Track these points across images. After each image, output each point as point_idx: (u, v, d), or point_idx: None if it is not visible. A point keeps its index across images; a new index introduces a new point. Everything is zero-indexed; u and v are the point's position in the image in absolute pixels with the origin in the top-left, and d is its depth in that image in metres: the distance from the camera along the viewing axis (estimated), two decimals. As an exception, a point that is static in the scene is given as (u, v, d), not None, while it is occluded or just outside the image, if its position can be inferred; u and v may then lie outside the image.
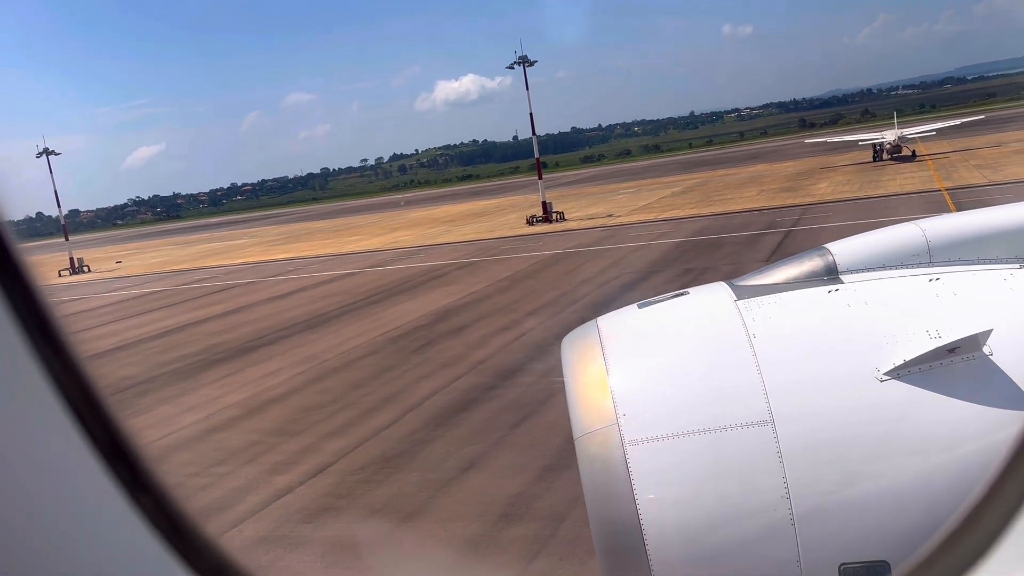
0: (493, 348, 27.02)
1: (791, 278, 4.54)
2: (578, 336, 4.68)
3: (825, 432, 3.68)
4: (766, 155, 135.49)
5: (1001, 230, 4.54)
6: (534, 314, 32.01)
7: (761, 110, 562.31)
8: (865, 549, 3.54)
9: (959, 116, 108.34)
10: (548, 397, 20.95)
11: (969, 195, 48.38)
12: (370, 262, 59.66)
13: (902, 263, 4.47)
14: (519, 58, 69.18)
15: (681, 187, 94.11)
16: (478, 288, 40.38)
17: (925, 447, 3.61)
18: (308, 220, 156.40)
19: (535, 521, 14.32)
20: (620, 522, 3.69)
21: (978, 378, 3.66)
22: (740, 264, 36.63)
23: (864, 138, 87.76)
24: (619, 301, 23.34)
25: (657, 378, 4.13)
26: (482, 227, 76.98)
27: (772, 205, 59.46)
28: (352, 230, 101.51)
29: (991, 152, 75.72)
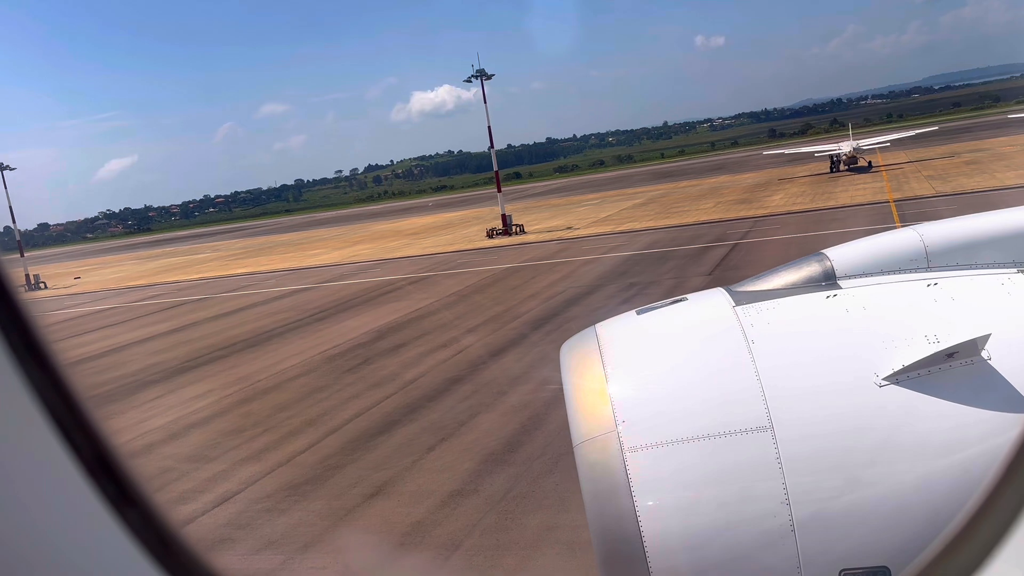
0: (426, 367, 26.79)
1: (789, 284, 4.53)
2: (577, 343, 4.61)
3: (824, 438, 3.66)
4: (730, 166, 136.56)
5: (999, 235, 4.54)
6: (474, 331, 31.82)
7: (733, 120, 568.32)
8: (865, 555, 3.52)
9: (917, 127, 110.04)
10: (469, 418, 20.82)
11: (915, 206, 49.03)
12: (325, 277, 59.19)
13: (900, 268, 4.47)
14: (476, 71, 69.19)
15: (643, 199, 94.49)
16: (425, 304, 40.13)
17: (925, 452, 3.58)
18: (275, 233, 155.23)
19: (428, 550, 14.11)
20: (620, 529, 3.68)
21: (977, 383, 3.64)
22: (682, 279, 36.79)
23: (820, 150, 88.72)
24: (559, 318, 23.39)
25: (656, 384, 4.10)
26: (443, 240, 76.73)
27: (726, 217, 59.80)
28: (315, 243, 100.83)
29: (944, 163, 76.85)
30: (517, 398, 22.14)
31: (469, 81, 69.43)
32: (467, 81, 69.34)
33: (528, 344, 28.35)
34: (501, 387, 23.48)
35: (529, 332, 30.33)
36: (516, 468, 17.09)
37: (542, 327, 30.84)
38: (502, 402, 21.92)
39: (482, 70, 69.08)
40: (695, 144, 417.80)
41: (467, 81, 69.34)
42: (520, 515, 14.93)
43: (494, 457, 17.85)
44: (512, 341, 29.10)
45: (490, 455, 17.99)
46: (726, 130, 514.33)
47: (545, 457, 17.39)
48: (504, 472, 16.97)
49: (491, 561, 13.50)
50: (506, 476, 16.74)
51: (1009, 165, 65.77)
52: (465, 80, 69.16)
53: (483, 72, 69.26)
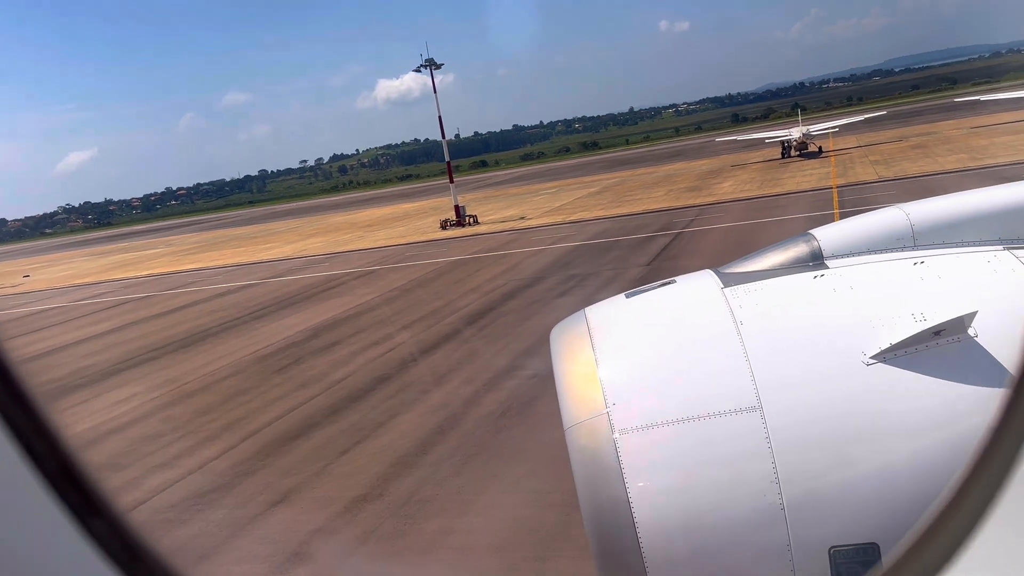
0: (356, 366, 26.53)
1: (777, 264, 4.57)
2: (567, 327, 4.62)
3: (813, 417, 3.66)
4: (688, 153, 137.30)
5: (984, 213, 4.55)
6: (409, 327, 31.59)
7: (698, 105, 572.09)
8: (855, 532, 3.53)
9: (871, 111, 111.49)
10: (388, 419, 20.63)
11: (856, 192, 49.61)
12: (273, 272, 58.46)
13: (887, 247, 4.50)
14: (425, 61, 68.54)
15: (599, 187, 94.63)
16: (367, 299, 39.78)
17: (913, 429, 3.59)
18: (233, 226, 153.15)
19: (323, 559, 13.94)
20: (611, 510, 3.68)
21: (964, 360, 3.65)
22: (622, 269, 36.83)
23: (770, 136, 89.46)
24: (494, 312, 23.16)
25: (646, 367, 4.12)
26: (396, 232, 76.19)
27: (674, 205, 60.06)
28: (270, 237, 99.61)
29: (891, 148, 77.89)
30: (439, 397, 21.99)
31: (418, 71, 68.81)
32: (416, 71, 68.73)
33: (459, 340, 28.20)
34: (425, 386, 23.31)
35: (463, 328, 30.17)
36: (424, 471, 16.95)
37: (477, 322, 30.70)
38: (423, 402, 21.76)
39: (431, 59, 68.45)
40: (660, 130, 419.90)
41: (416, 71, 68.73)
42: (420, 520, 14.79)
43: (404, 460, 17.68)
44: (445, 337, 28.91)
45: (401, 458, 17.82)
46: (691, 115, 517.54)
47: (454, 459, 17.27)
48: (412, 475, 16.81)
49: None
50: (413, 480, 16.58)
51: (952, 149, 66.81)
52: (414, 70, 68.55)
53: (432, 62, 68.60)
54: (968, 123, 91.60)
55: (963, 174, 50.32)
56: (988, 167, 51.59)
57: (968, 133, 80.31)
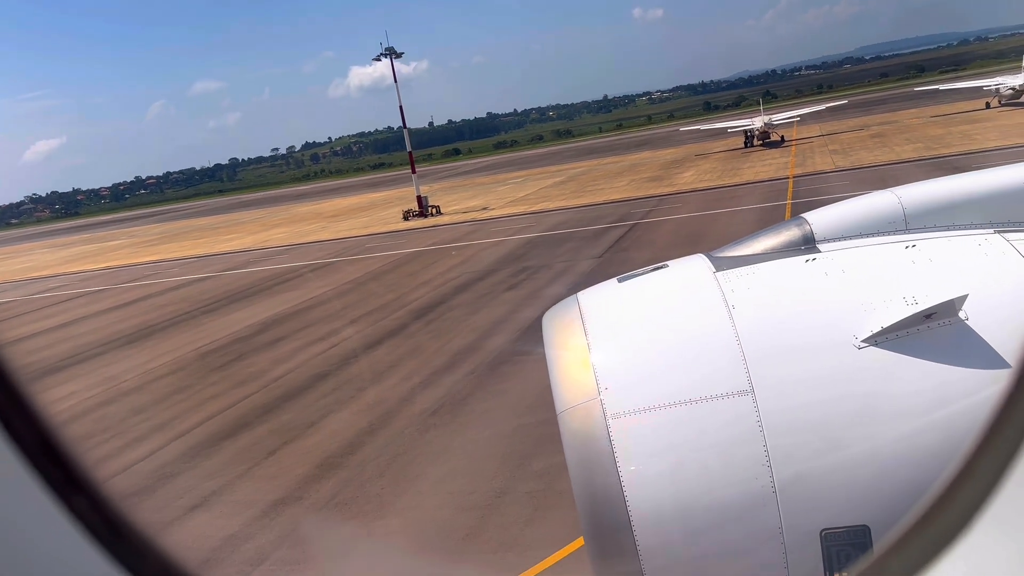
0: (297, 362, 26.23)
1: (769, 248, 4.56)
2: (559, 311, 4.63)
3: (805, 400, 3.68)
4: (655, 141, 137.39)
5: (975, 196, 4.58)
6: (356, 322, 31.30)
7: (671, 93, 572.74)
8: (846, 515, 3.55)
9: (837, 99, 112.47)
10: (320, 418, 20.40)
11: (811, 182, 49.85)
12: (230, 264, 57.75)
13: (878, 231, 4.51)
14: (385, 50, 67.81)
15: (564, 176, 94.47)
16: (319, 293, 39.43)
17: (904, 412, 3.60)
18: (198, 216, 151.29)
19: (233, 567, 13.71)
20: (604, 495, 3.69)
21: (954, 343, 3.67)
22: (573, 262, 36.75)
23: (733, 125, 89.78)
24: (443, 306, 22.81)
25: (638, 351, 4.12)
26: (359, 223, 75.58)
27: (635, 196, 60.08)
28: (233, 227, 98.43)
29: (851, 137, 78.47)
30: (374, 395, 21.79)
31: (378, 60, 68.10)
32: (376, 60, 68.03)
33: (404, 335, 27.98)
34: (362, 383, 23.10)
35: (410, 322, 29.95)
36: (348, 472, 16.75)
37: (424, 316, 30.49)
38: (358, 400, 21.54)
39: (391, 48, 67.74)
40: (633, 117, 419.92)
41: (376, 60, 68.03)
42: (336, 524, 14.63)
43: (330, 461, 17.47)
44: (391, 332, 28.67)
45: (327, 459, 17.60)
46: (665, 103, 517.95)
47: (380, 459, 17.09)
48: (335, 477, 16.62)
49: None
50: (335, 481, 16.39)
51: (909, 139, 67.42)
52: (374, 59, 67.84)
53: (392, 50, 67.88)
54: (929, 112, 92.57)
55: (917, 164, 50.79)
56: (942, 156, 52.17)
57: (927, 122, 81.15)
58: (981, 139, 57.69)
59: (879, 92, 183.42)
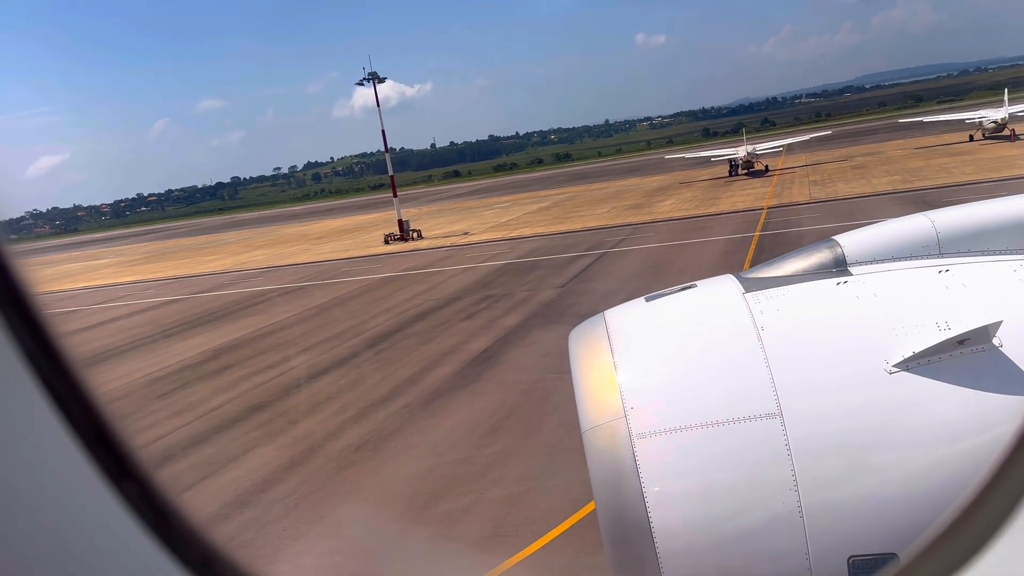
0: (238, 392, 25.90)
1: (799, 270, 4.49)
2: (586, 329, 4.57)
3: (834, 425, 3.62)
4: (645, 168, 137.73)
5: (1010, 221, 4.48)
6: (310, 349, 31.02)
7: (672, 119, 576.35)
8: (875, 542, 3.48)
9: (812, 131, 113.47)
10: (244, 452, 20.05)
11: (783, 214, 49.84)
12: (204, 287, 57.56)
13: (911, 255, 4.43)
14: (368, 75, 68.06)
15: (550, 202, 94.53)
16: (282, 318, 39.19)
17: (934, 439, 3.53)
18: (190, 235, 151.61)
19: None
20: (628, 515, 3.65)
21: (988, 370, 3.58)
22: (536, 291, 36.50)
23: (717, 154, 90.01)
24: (398, 335, 22.41)
25: (665, 371, 4.08)
26: (341, 246, 75.50)
27: (612, 223, 59.98)
28: (218, 248, 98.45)
29: (834, 167, 78.56)
30: (305, 428, 21.47)
31: (361, 84, 68.36)
32: (359, 84, 68.27)
33: (352, 365, 27.71)
34: (296, 415, 22.78)
35: (362, 351, 29.68)
36: (255, 511, 16.39)
37: (377, 345, 30.23)
38: (287, 433, 21.22)
39: (374, 73, 68.00)
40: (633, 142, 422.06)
41: (359, 84, 68.27)
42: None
43: (241, 499, 17.11)
44: (340, 361, 28.40)
45: (239, 496, 17.25)
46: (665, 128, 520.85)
47: (290, 499, 16.74)
48: (241, 516, 16.25)
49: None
50: (239, 521, 16.01)
51: (889, 171, 67.46)
52: (357, 83, 68.11)
53: (375, 75, 68.16)
54: (914, 143, 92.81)
55: (890, 197, 50.74)
56: (916, 190, 52.13)
57: (911, 154, 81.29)
58: (958, 172, 57.70)
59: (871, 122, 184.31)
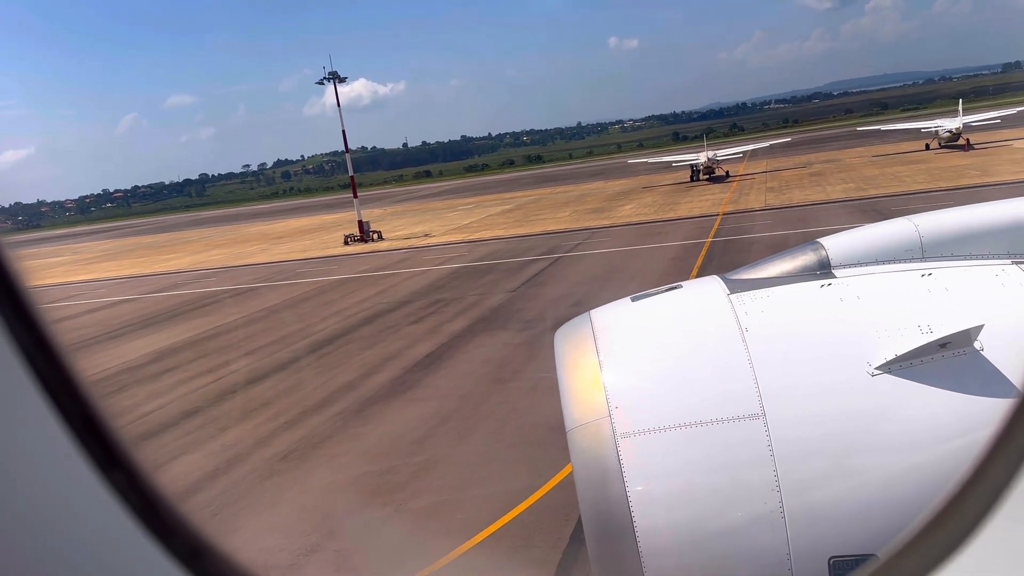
0: (173, 397, 25.45)
1: (784, 272, 4.52)
2: (571, 329, 4.57)
3: (816, 426, 3.63)
4: (611, 172, 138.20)
5: (993, 226, 4.52)
6: (253, 353, 30.56)
7: (643, 122, 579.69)
8: (856, 543, 3.49)
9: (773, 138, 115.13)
10: (170, 459, 19.62)
11: (738, 220, 50.23)
12: (157, 287, 56.65)
13: (895, 258, 4.46)
14: (329, 74, 67.46)
15: (513, 204, 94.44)
16: (229, 320, 38.64)
17: (916, 441, 3.55)
18: (151, 233, 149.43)
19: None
20: (611, 513, 3.65)
21: (969, 373, 3.61)
22: (487, 295, 36.36)
23: (679, 159, 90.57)
24: (343, 339, 21.98)
25: (649, 371, 4.08)
26: (300, 246, 74.75)
27: (571, 227, 60.02)
28: (178, 246, 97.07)
29: (792, 174, 79.32)
30: (235, 435, 21.12)
31: (321, 83, 67.74)
32: (319, 83, 67.65)
33: (292, 370, 27.36)
34: (228, 422, 22.42)
35: (304, 355, 29.34)
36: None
37: (321, 349, 29.90)
38: (217, 440, 20.86)
39: (335, 72, 67.40)
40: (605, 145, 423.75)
41: (319, 83, 67.65)
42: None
43: (159, 508, 16.75)
44: (281, 366, 28.03)
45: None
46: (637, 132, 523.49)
47: (208, 510, 16.39)
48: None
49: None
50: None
51: (845, 179, 68.32)
52: (317, 83, 67.51)
53: (336, 75, 67.58)
54: (873, 151, 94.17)
55: (842, 205, 51.40)
56: (868, 198, 52.85)
57: (868, 161, 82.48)
58: (910, 181, 58.59)
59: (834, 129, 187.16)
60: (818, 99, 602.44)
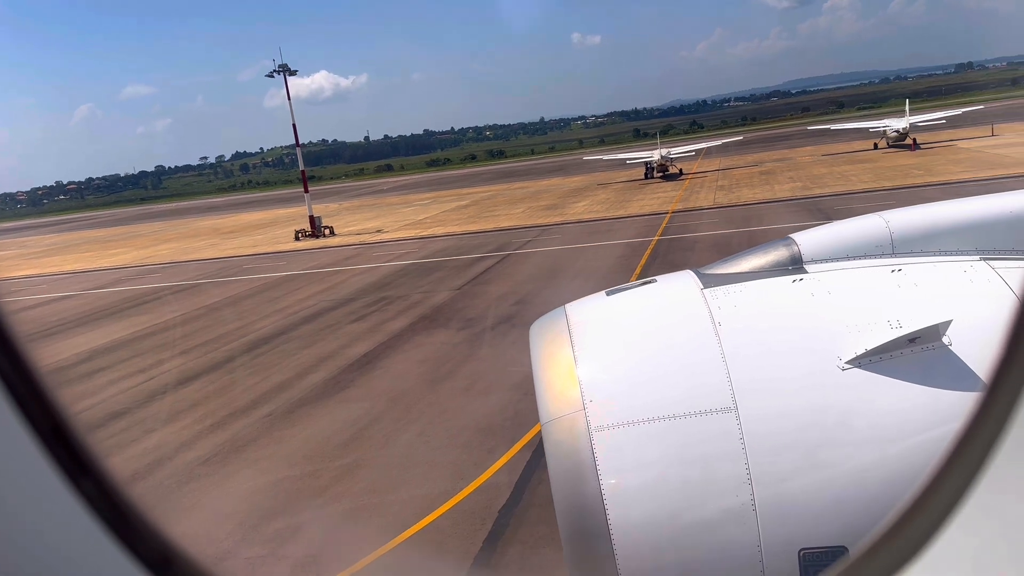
0: (101, 398, 24.87)
1: (757, 267, 4.57)
2: (546, 322, 4.58)
3: (787, 419, 3.66)
4: (569, 168, 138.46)
5: (962, 223, 4.57)
6: (188, 352, 30.04)
7: (605, 118, 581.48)
8: (825, 535, 3.53)
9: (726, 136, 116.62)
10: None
11: (686, 218, 50.69)
12: (100, 282, 55.43)
13: (866, 254, 4.52)
14: (279, 67, 66.48)
15: (470, 200, 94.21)
16: (168, 318, 37.93)
17: (885, 435, 3.59)
18: (101, 226, 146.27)
19: None
20: (585, 507, 3.68)
21: (937, 367, 3.67)
22: (432, 294, 36.14)
23: (632, 156, 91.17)
24: (281, 337, 21.46)
25: (624, 365, 4.12)
26: (250, 241, 73.72)
27: (524, 224, 60.01)
28: (126, 240, 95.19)
29: (743, 173, 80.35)
30: (159, 438, 20.71)
31: (271, 76, 66.75)
32: (269, 76, 66.69)
33: (226, 370, 26.91)
34: (154, 424, 21.98)
35: (239, 355, 28.88)
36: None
37: (258, 348, 29.48)
38: (140, 443, 20.42)
39: (284, 65, 66.49)
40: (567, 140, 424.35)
41: (269, 76, 66.69)
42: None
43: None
44: (214, 366, 27.56)
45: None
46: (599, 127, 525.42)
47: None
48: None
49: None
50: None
51: (793, 177, 69.32)
52: (267, 75, 66.46)
53: (286, 67, 66.67)
54: (823, 150, 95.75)
55: (787, 204, 52.10)
56: (813, 197, 53.66)
57: (817, 160, 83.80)
58: (856, 180, 59.64)
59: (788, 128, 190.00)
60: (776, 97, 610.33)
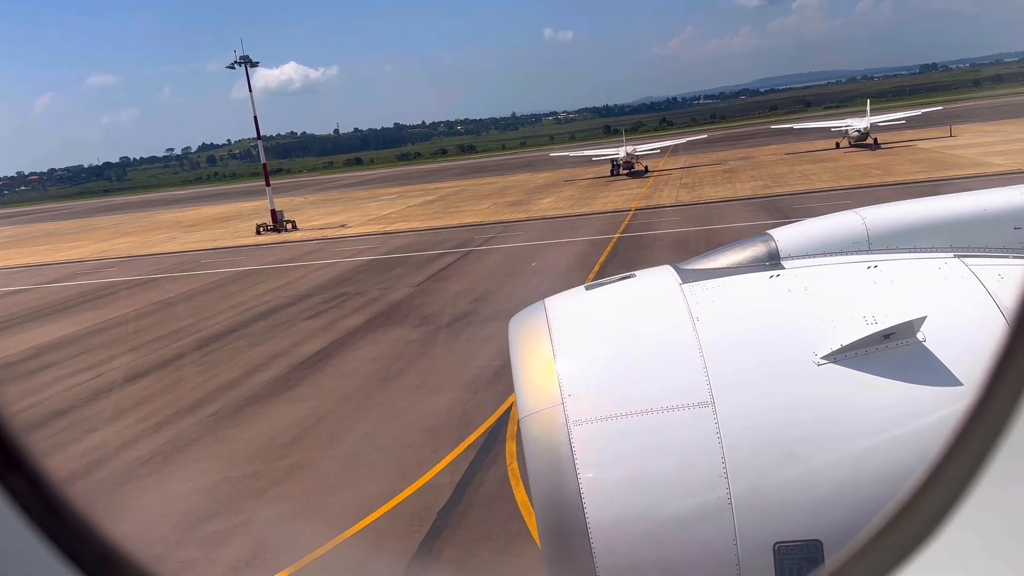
0: (47, 395, 24.39)
1: (735, 263, 4.59)
2: (526, 317, 4.59)
3: (763, 414, 3.68)
4: (538, 164, 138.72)
5: (937, 221, 4.62)
6: (138, 349, 29.56)
7: (577, 114, 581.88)
8: (800, 529, 3.55)
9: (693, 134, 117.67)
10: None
11: (648, 216, 50.97)
12: (55, 276, 54.38)
13: (842, 250, 4.55)
14: (240, 58, 65.59)
15: (437, 195, 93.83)
16: (121, 313, 37.30)
17: (859, 430, 3.62)
18: (61, 219, 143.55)
19: None
20: (563, 501, 3.69)
21: (912, 363, 3.70)
22: (390, 290, 35.91)
23: (599, 154, 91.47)
24: (234, 334, 21.01)
25: (602, 359, 4.12)
26: (211, 235, 72.77)
27: (488, 220, 59.88)
28: (85, 233, 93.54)
29: (707, 171, 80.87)
30: (102, 437, 20.35)
31: (232, 68, 65.79)
32: (230, 68, 65.73)
33: (174, 367, 26.53)
34: (97, 423, 21.59)
35: (190, 352, 28.47)
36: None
37: (209, 345, 29.10)
38: (81, 442, 20.06)
39: (246, 56, 65.59)
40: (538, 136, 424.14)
41: (230, 68, 65.73)
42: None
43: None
44: (163, 363, 27.15)
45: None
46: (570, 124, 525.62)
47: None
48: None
49: None
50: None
51: (755, 176, 69.93)
52: (228, 67, 65.50)
53: (248, 59, 65.78)
54: (786, 148, 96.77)
55: (746, 203, 52.55)
56: (773, 196, 54.22)
57: (780, 159, 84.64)
58: (816, 180, 60.33)
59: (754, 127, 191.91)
60: (746, 95, 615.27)
